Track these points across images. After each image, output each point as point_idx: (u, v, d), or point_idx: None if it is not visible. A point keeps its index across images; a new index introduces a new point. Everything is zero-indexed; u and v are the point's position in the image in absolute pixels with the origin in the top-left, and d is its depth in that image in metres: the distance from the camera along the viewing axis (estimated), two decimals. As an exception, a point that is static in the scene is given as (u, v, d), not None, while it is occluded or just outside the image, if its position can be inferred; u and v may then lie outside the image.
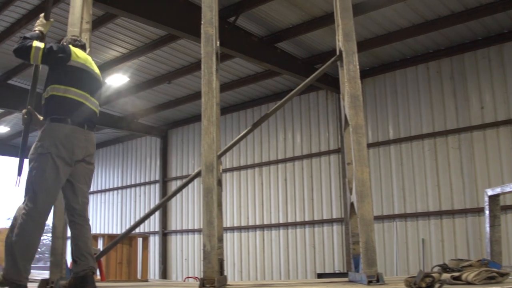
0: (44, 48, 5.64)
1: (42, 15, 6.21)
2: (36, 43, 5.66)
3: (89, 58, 6.05)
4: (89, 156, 5.93)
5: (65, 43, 6.04)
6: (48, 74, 5.83)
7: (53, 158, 5.48)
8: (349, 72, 5.26)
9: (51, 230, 5.81)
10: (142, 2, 13.44)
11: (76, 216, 5.63)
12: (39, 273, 14.62)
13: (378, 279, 4.70)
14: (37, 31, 6.01)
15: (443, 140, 16.27)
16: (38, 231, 5.42)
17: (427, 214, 16.24)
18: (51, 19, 6.27)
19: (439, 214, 16.02)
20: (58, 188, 5.57)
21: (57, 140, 5.54)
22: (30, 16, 14.85)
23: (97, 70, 6.12)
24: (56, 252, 5.00)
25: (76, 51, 5.89)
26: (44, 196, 5.42)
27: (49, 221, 5.98)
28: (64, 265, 5.05)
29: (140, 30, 15.90)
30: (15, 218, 5.43)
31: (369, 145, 17.21)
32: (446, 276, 4.90)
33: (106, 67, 18.06)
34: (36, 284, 5.64)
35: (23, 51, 5.66)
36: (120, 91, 20.63)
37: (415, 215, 16.48)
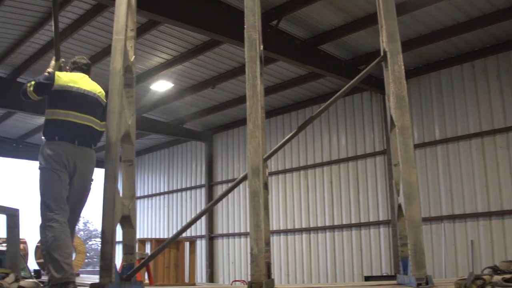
0: (33, 83, 6.31)
1: (53, 57, 6.83)
2: (29, 83, 6.34)
3: (75, 77, 6.56)
4: (81, 172, 6.38)
5: (67, 67, 6.81)
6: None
7: (49, 170, 6.12)
8: (394, 73, 5.21)
9: (100, 235, 5.93)
10: (185, 8, 13.54)
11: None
12: (89, 278, 14.84)
13: (427, 281, 4.64)
14: (45, 73, 6.55)
15: (491, 140, 16.00)
16: (65, 231, 5.99)
17: (475, 215, 15.98)
18: (62, 59, 6.92)
19: (488, 215, 15.75)
20: (63, 193, 6.17)
21: (46, 156, 6.18)
22: (83, 20, 15.08)
23: (89, 87, 6.63)
24: (106, 256, 5.05)
25: (61, 74, 6.46)
26: (54, 203, 6.03)
27: (98, 226, 6.26)
28: (113, 269, 5.10)
29: (183, 36, 16.04)
30: (41, 232, 6.01)
31: (415, 146, 17.01)
32: (497, 278, 4.80)
33: (151, 73, 18.29)
34: (86, 288, 5.74)
35: (23, 94, 6.39)
36: (165, 97, 20.86)
37: (463, 216, 16.23)
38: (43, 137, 6.36)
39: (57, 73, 6.42)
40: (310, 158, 20.81)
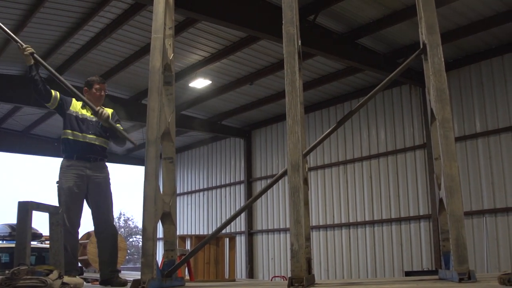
0: None
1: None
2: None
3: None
4: None
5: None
6: None
7: None
8: (434, 65, 5.15)
9: (141, 232, 6.02)
10: (222, 5, 13.60)
11: None
12: (130, 274, 15.01)
13: (469, 276, 4.58)
14: None
15: (534, 132, 15.77)
16: None
17: (518, 209, 15.76)
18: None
19: (532, 208, 15.52)
20: None
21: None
22: (121, 19, 15.25)
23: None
24: (147, 253, 5.10)
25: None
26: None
27: (139, 223, 6.46)
28: (155, 265, 5.15)
29: (220, 33, 16.10)
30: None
31: (456, 139, 16.63)
32: (542, 272, 4.72)
33: (189, 71, 18.40)
34: (129, 285, 5.80)
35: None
36: (203, 95, 20.96)
37: (506, 210, 15.98)
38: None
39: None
40: (349, 153, 20.72)
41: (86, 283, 10.07)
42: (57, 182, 7.17)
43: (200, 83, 19.70)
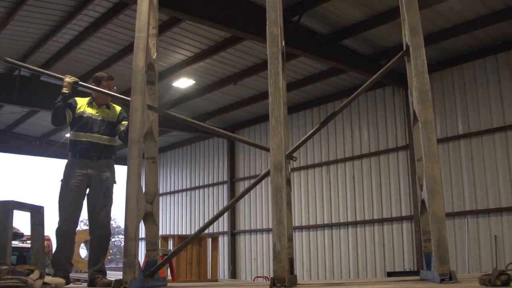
0: None
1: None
2: None
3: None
4: None
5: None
6: None
7: None
8: (416, 67, 5.17)
9: (123, 232, 5.98)
10: (206, 5, 13.58)
11: None
12: (112, 274, 14.92)
13: (450, 277, 4.59)
14: None
15: (515, 134, 15.87)
16: None
17: (499, 210, 15.84)
18: None
19: (512, 210, 15.63)
20: None
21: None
22: (105, 18, 15.17)
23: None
24: (129, 253, 5.07)
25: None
26: None
27: (121, 223, 6.39)
28: (137, 265, 5.12)
29: (204, 33, 16.07)
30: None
31: (438, 141, 16.86)
32: (522, 273, 4.75)
33: (172, 70, 18.35)
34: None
35: None
36: (187, 94, 20.90)
37: (487, 212, 16.09)
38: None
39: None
40: (332, 153, 20.76)
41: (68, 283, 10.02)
42: (61, 180, 7.07)
43: (183, 82, 19.65)
